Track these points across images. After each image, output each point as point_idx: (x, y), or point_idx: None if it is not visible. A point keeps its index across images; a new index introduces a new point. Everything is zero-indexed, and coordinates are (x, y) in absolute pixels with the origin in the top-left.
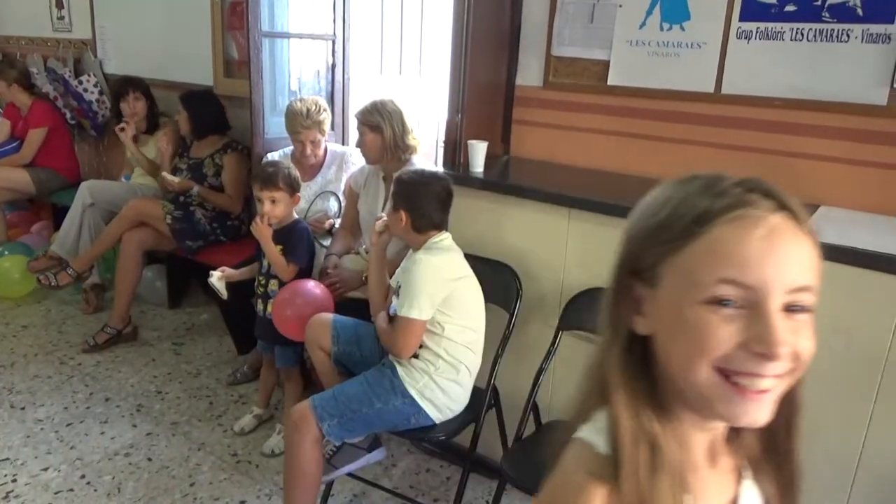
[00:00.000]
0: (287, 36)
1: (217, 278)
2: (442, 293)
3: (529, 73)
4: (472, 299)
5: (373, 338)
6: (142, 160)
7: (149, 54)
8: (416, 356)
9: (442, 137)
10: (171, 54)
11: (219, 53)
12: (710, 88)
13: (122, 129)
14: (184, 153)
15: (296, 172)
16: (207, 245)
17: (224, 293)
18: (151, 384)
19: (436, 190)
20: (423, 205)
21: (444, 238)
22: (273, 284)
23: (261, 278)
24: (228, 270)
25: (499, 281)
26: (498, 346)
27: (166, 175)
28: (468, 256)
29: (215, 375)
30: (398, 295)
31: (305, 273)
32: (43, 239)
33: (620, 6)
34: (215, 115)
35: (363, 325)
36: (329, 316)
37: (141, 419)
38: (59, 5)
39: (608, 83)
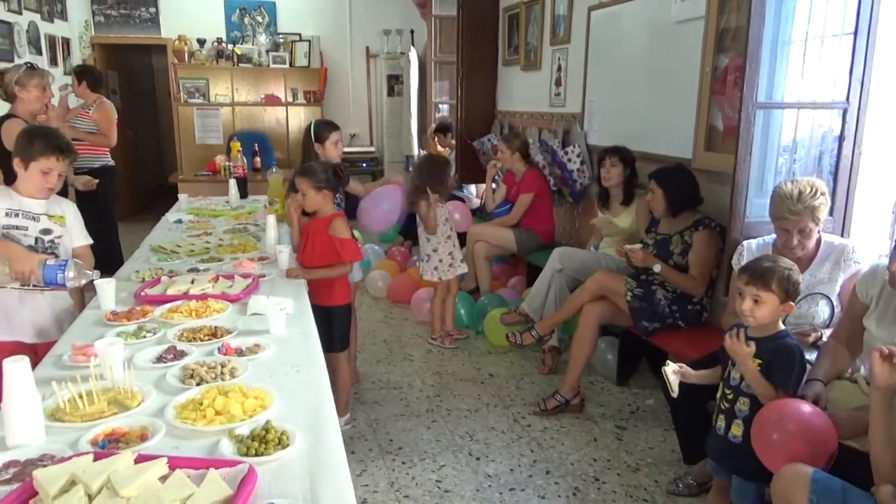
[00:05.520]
0: (786, 106)
1: (672, 371)
2: None
3: None
4: None
5: None
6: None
7: (629, 126)
8: None
9: None
10: (650, 126)
11: (702, 125)
12: None
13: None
14: (651, 228)
15: (797, 277)
16: (664, 328)
17: (675, 391)
18: (590, 467)
19: None
20: None
21: None
22: (744, 403)
23: (728, 391)
24: (686, 369)
25: None
26: None
27: (628, 246)
28: None
29: (655, 476)
30: None
31: None
32: (516, 293)
33: None
34: (689, 192)
35: (855, 496)
36: (807, 470)
37: None
38: (558, 83)
39: None
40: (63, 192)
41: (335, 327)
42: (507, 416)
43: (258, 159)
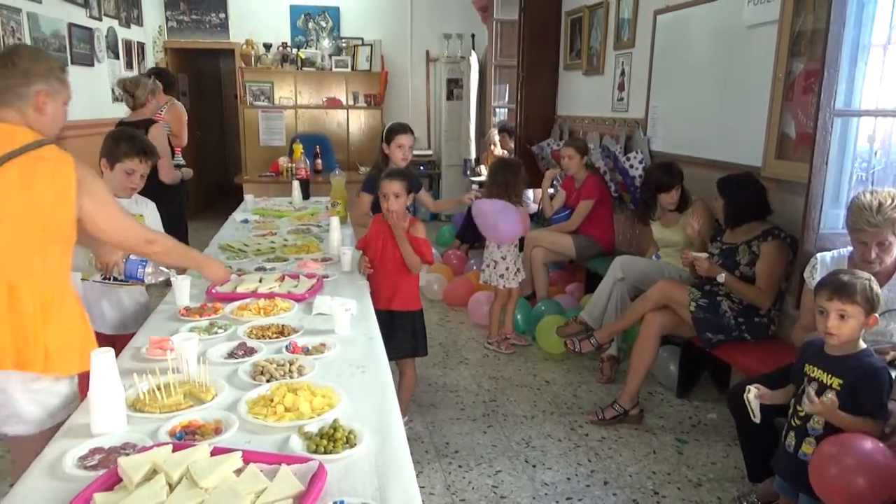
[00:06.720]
0: (865, 114)
1: (754, 396)
2: None
3: None
4: None
5: None
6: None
7: (694, 132)
8: None
9: None
10: (717, 133)
11: (774, 132)
12: None
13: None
14: (717, 237)
15: (877, 288)
16: (728, 340)
17: (757, 415)
18: (649, 480)
19: None
20: None
21: None
22: (817, 422)
23: (801, 409)
24: (763, 390)
25: None
26: None
27: (694, 253)
28: None
29: (717, 492)
30: None
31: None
32: (574, 300)
33: None
34: (754, 203)
35: None
36: None
37: None
38: (621, 88)
39: None
40: (144, 192)
41: (419, 332)
42: (564, 424)
43: (319, 161)
